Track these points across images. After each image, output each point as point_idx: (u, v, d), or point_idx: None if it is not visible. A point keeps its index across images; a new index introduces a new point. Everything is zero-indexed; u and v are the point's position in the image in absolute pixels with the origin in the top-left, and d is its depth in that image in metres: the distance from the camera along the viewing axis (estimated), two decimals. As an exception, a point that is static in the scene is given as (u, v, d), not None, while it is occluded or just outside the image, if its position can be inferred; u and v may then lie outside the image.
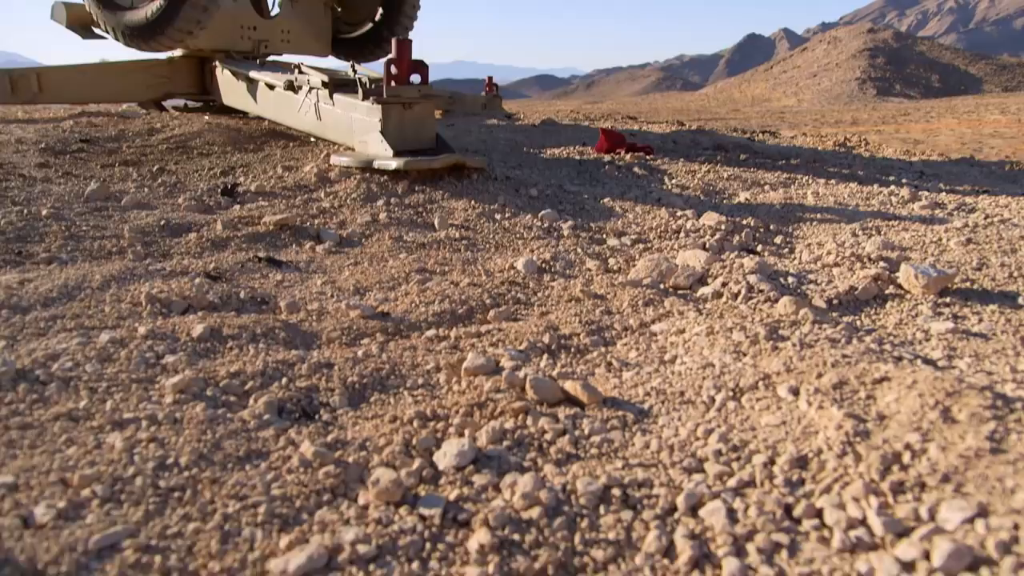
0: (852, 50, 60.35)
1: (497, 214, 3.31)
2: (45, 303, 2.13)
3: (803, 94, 54.05)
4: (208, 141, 4.86)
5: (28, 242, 2.78)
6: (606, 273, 2.62)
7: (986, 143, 18.35)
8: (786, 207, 3.59)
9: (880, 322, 2.10)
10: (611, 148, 4.92)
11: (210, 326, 1.94)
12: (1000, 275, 2.45)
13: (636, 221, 3.31)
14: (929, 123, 25.21)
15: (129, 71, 6.32)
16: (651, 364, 1.82)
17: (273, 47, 6.26)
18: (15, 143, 4.62)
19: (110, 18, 5.36)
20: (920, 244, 2.90)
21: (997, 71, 59.96)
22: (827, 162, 5.27)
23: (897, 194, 3.92)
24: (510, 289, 2.40)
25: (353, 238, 3.00)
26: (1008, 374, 1.66)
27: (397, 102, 3.86)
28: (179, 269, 2.52)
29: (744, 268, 2.47)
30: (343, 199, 3.48)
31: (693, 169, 4.50)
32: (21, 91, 6.14)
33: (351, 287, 2.41)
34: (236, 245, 2.86)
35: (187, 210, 3.32)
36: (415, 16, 7.11)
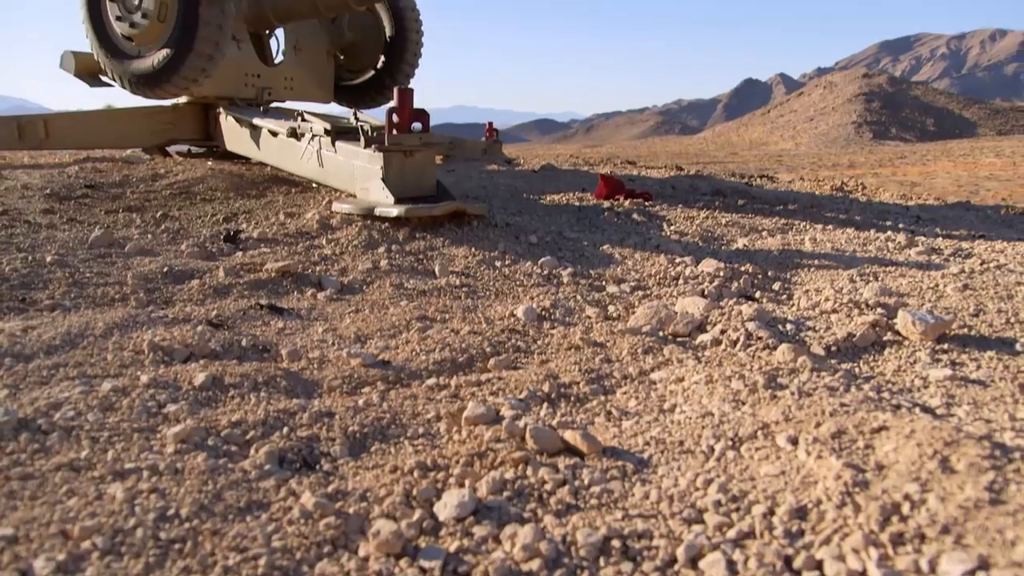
0: (848, 94, 61.10)
1: (497, 261, 3.34)
2: (48, 351, 2.14)
3: (800, 138, 54.59)
4: (211, 187, 4.91)
5: (32, 289, 2.81)
6: (605, 320, 2.64)
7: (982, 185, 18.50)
8: (784, 253, 3.62)
9: (878, 369, 2.11)
10: (610, 194, 4.97)
11: (212, 374, 1.95)
12: (997, 321, 2.47)
13: (635, 268, 3.33)
14: (925, 166, 25.44)
15: (134, 117, 6.41)
16: (650, 413, 1.83)
17: (276, 94, 6.36)
18: (21, 189, 4.67)
19: (117, 66, 5.45)
20: (917, 290, 2.92)
21: (990, 115, 60.64)
22: (824, 207, 5.32)
23: (894, 239, 3.95)
24: (510, 337, 2.41)
25: (354, 285, 3.02)
26: (1007, 422, 1.67)
27: (398, 150, 3.92)
28: (181, 316, 2.53)
29: (743, 315, 2.49)
30: (345, 246, 3.51)
31: (691, 215, 4.54)
32: (28, 137, 6.23)
33: (352, 335, 2.42)
34: (238, 292, 2.88)
35: (190, 257, 3.34)
36: (416, 64, 7.23)
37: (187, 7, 5.03)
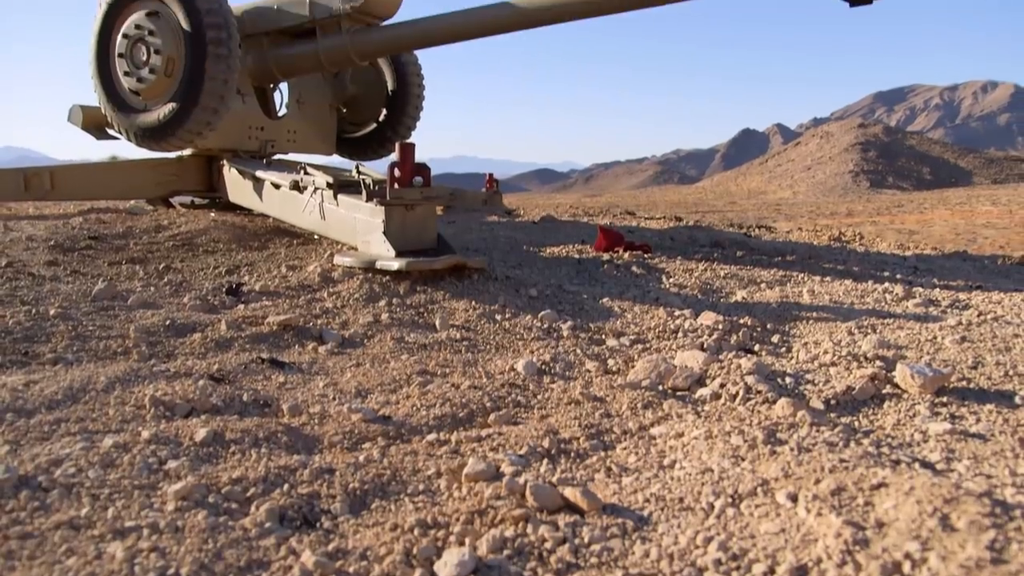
0: (844, 144, 61.71)
1: (497, 314, 3.36)
2: (50, 406, 2.15)
3: (798, 187, 55.01)
4: (214, 239, 4.95)
5: (35, 342, 2.82)
6: (605, 374, 2.65)
7: (980, 233, 18.60)
8: (782, 305, 3.65)
9: (878, 423, 2.12)
10: (609, 247, 5.01)
11: (213, 430, 1.96)
12: (996, 374, 2.48)
13: (635, 321, 3.35)
14: (923, 214, 25.60)
15: (139, 169, 6.49)
16: (650, 469, 1.83)
17: (279, 146, 6.45)
18: (26, 240, 4.71)
19: (124, 120, 5.54)
20: (915, 342, 2.93)
21: (985, 164, 61.18)
22: (822, 258, 5.36)
23: (891, 291, 3.97)
24: (510, 392, 2.42)
25: (355, 339, 3.04)
26: (1007, 477, 1.67)
27: (400, 204, 3.97)
28: (183, 370, 2.54)
29: (742, 369, 2.50)
30: (346, 299, 3.53)
31: (691, 267, 4.57)
32: (34, 188, 6.31)
33: (353, 389, 2.43)
34: (240, 346, 2.90)
35: (192, 309, 3.37)
36: (418, 117, 7.34)
37: (194, 63, 5.13)
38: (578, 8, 4.64)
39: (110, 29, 5.55)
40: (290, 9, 5.84)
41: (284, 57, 6.08)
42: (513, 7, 4.83)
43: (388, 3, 5.66)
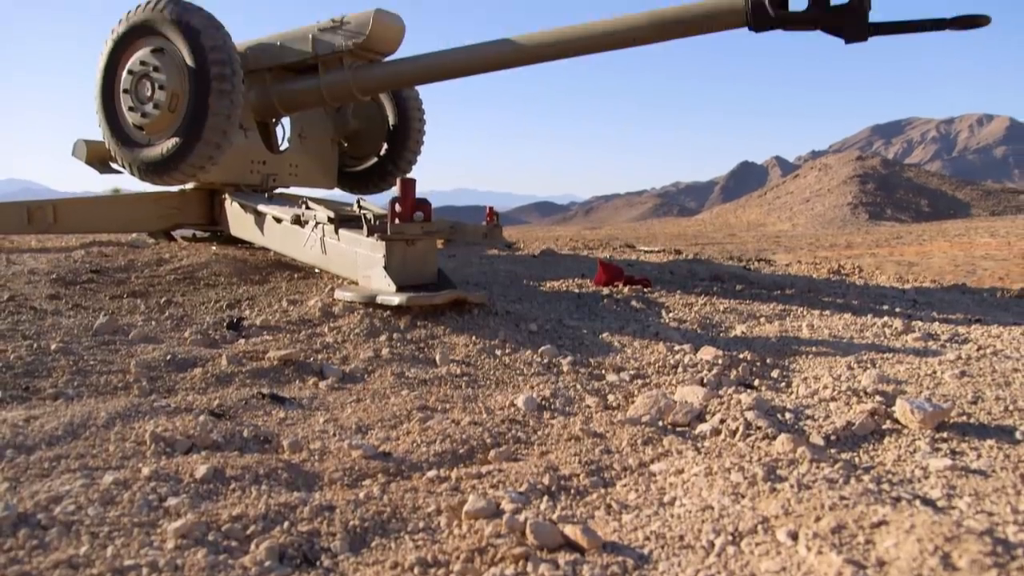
0: (842, 176, 62.04)
1: (497, 349, 3.37)
2: (50, 442, 2.15)
3: (797, 219, 55.22)
4: (215, 272, 4.97)
5: (36, 377, 2.83)
6: (605, 410, 2.65)
7: (979, 265, 18.66)
8: (782, 340, 3.65)
9: (878, 459, 2.12)
10: (609, 281, 5.02)
11: (213, 466, 1.96)
12: (996, 409, 2.48)
13: (634, 356, 3.36)
14: (922, 246, 25.68)
15: (141, 202, 6.54)
16: (650, 506, 1.83)
17: (281, 180, 6.50)
18: (28, 274, 4.73)
19: (127, 154, 5.60)
20: (915, 377, 2.93)
21: (983, 196, 61.48)
22: (821, 291, 5.37)
23: (891, 325, 3.98)
24: (510, 427, 2.42)
25: (356, 374, 3.04)
26: (1009, 515, 1.67)
27: (400, 239, 4.00)
28: (184, 406, 2.55)
29: (742, 404, 2.50)
30: (346, 334, 3.54)
31: (690, 302, 4.58)
32: (37, 221, 6.35)
33: (353, 425, 2.43)
34: (240, 381, 2.90)
35: (193, 344, 3.37)
36: (419, 151, 7.41)
37: (197, 98, 5.20)
38: (577, 45, 4.71)
39: (115, 65, 5.63)
40: (293, 45, 5.93)
41: (287, 92, 6.15)
42: (513, 44, 4.90)
43: (390, 39, 5.74)
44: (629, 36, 4.52)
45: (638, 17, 4.47)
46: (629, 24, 4.49)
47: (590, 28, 4.65)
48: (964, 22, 3.75)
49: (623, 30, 4.52)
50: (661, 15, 4.39)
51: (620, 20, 4.55)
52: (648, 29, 4.44)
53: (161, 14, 5.35)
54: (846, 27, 3.93)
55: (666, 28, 4.40)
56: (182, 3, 5.36)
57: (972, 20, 3.74)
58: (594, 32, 4.62)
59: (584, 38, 4.66)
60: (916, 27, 3.91)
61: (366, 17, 5.54)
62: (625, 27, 4.51)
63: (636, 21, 4.47)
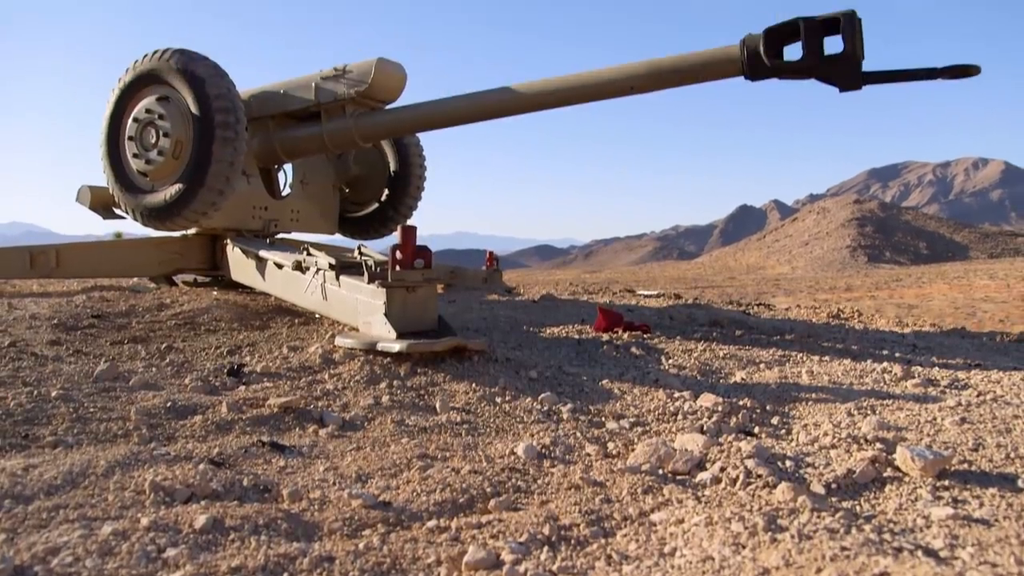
0: (841, 220, 62.46)
1: (498, 397, 3.37)
2: (48, 491, 2.14)
3: (796, 262, 55.44)
4: (216, 317, 4.99)
5: (35, 424, 2.83)
6: (605, 458, 2.64)
7: (979, 307, 18.72)
8: (781, 386, 3.65)
9: (880, 507, 2.11)
10: (609, 327, 5.04)
11: (213, 516, 1.95)
12: (997, 456, 2.48)
13: (634, 403, 3.36)
14: (921, 288, 25.77)
15: (143, 247, 6.60)
16: (651, 557, 1.82)
17: (283, 225, 6.56)
18: (29, 319, 4.75)
19: (131, 200, 5.66)
20: (915, 424, 2.93)
21: (981, 239, 61.82)
22: (821, 336, 5.38)
23: (890, 371, 3.99)
24: (511, 476, 2.41)
25: (356, 421, 3.04)
26: (1013, 566, 1.66)
27: (401, 286, 4.02)
28: (183, 454, 2.54)
29: (742, 452, 2.50)
30: (347, 381, 3.54)
31: (690, 348, 4.59)
32: (39, 266, 6.40)
33: (353, 474, 2.43)
34: (240, 428, 2.90)
35: (193, 391, 3.38)
36: (419, 197, 7.49)
37: (201, 145, 5.27)
38: (577, 94, 4.79)
39: (121, 113, 5.73)
40: (296, 93, 6.02)
41: (289, 139, 6.24)
42: (513, 92, 4.98)
43: (392, 88, 5.84)
44: (627, 85, 4.59)
45: (636, 66, 4.54)
46: (628, 73, 4.57)
47: (589, 77, 4.72)
48: (955, 72, 3.82)
49: (622, 79, 4.60)
50: (659, 64, 4.47)
51: (619, 69, 4.63)
52: (646, 78, 4.51)
53: (167, 64, 5.45)
54: (840, 76, 4.00)
55: (664, 77, 4.48)
56: (187, 53, 5.47)
57: (963, 70, 3.81)
58: (593, 81, 4.70)
59: (583, 86, 4.73)
60: (908, 76, 3.98)
61: (368, 66, 5.64)
62: (624, 76, 4.58)
63: (635, 70, 4.54)
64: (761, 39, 4.05)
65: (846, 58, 3.89)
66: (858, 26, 3.87)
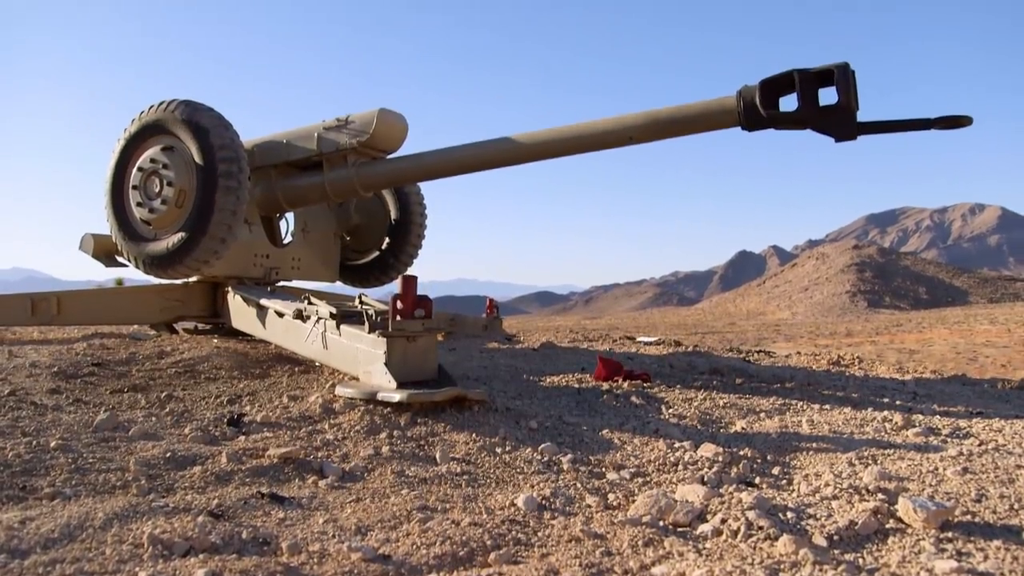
0: (840, 265, 62.63)
1: (498, 447, 3.36)
2: (46, 545, 2.13)
3: (796, 307, 55.46)
4: (216, 365, 4.99)
5: (33, 475, 2.81)
6: (606, 510, 2.63)
7: (980, 352, 18.66)
8: (782, 436, 3.65)
9: (883, 560, 2.09)
10: (609, 376, 5.04)
11: (211, 570, 1.94)
12: (1000, 507, 2.46)
13: (634, 453, 3.34)
14: (922, 333, 25.73)
15: (144, 295, 6.63)
16: (653, 613, 1.80)
17: (284, 273, 6.59)
18: (29, 367, 4.75)
19: (133, 248, 5.70)
20: (917, 474, 2.92)
21: (980, 284, 61.93)
22: (821, 384, 5.38)
23: (891, 420, 3.98)
24: (511, 528, 2.40)
25: (356, 472, 3.03)
26: (1016, 621, 1.65)
27: (401, 335, 4.03)
28: (182, 506, 2.53)
29: (743, 503, 2.49)
30: (347, 431, 3.54)
31: (690, 396, 4.59)
32: (40, 313, 6.43)
33: (353, 526, 2.41)
34: (240, 479, 2.89)
35: (193, 441, 3.37)
36: (420, 245, 7.54)
37: (204, 194, 5.32)
38: (576, 144, 4.85)
39: (126, 162, 5.80)
40: (299, 143, 6.11)
41: (291, 188, 6.30)
42: (513, 143, 5.05)
43: (393, 138, 5.92)
44: (626, 135, 4.66)
45: (635, 117, 4.61)
46: (626, 124, 4.64)
47: (589, 127, 4.79)
48: (948, 122, 3.88)
49: (620, 129, 4.67)
50: (657, 115, 4.54)
51: (618, 120, 4.70)
52: (644, 128, 4.58)
53: (172, 114, 5.53)
54: (835, 127, 4.06)
55: (662, 128, 4.54)
56: (192, 104, 5.56)
57: (955, 121, 3.88)
58: (593, 131, 4.77)
59: (583, 137, 4.80)
60: (902, 127, 4.05)
61: (370, 116, 5.73)
62: (622, 127, 4.65)
63: (633, 121, 4.61)
64: (757, 90, 4.12)
65: (841, 109, 3.95)
66: (852, 78, 3.94)
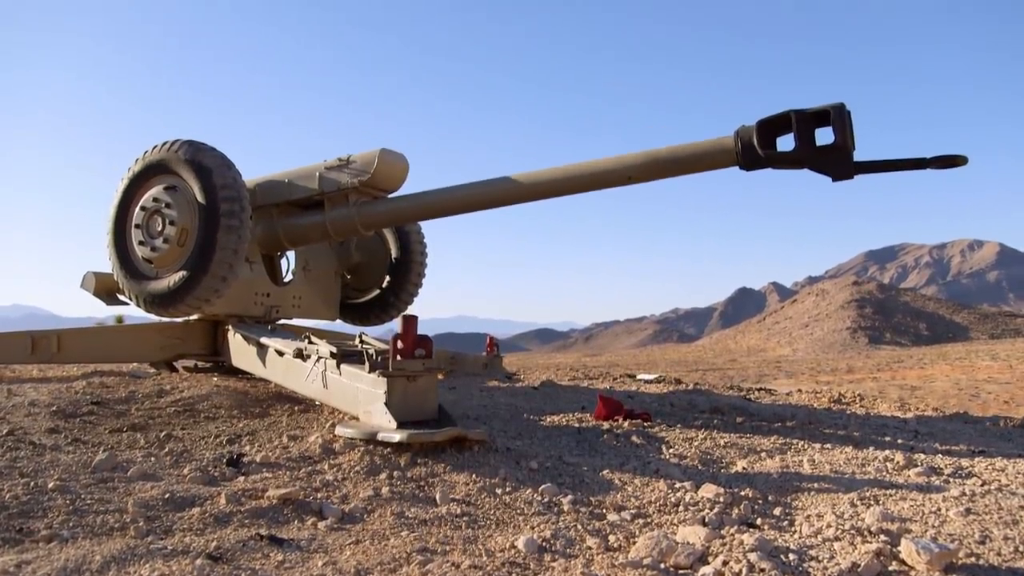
0: (840, 301, 62.67)
1: (498, 488, 3.34)
2: (43, 589, 2.11)
3: (797, 344, 55.39)
4: (215, 404, 4.98)
5: (31, 517, 2.80)
6: (607, 552, 2.61)
7: (982, 388, 18.60)
8: (783, 476, 3.63)
9: (886, 604, 2.08)
10: (609, 415, 5.02)
11: (209, 615, 1.92)
12: (1005, 549, 2.45)
13: (635, 494, 3.32)
14: (923, 369, 25.66)
15: (144, 332, 6.64)
16: (655, 658, 1.79)
17: (284, 312, 6.60)
18: (28, 406, 4.74)
19: (135, 287, 5.72)
20: (919, 515, 2.90)
21: (981, 319, 61.91)
22: (822, 423, 5.36)
23: (892, 459, 3.96)
24: (511, 571, 2.38)
25: (355, 513, 3.00)
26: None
27: (402, 375, 4.03)
28: (181, 548, 2.51)
29: (744, 545, 2.47)
30: (347, 471, 3.52)
31: (690, 436, 4.57)
32: (40, 351, 6.43)
33: (352, 569, 2.39)
34: (239, 521, 2.87)
35: (192, 481, 3.35)
36: (420, 283, 7.57)
37: (206, 233, 5.36)
38: (575, 184, 4.90)
39: (129, 201, 5.85)
40: (300, 182, 6.16)
41: (293, 227, 6.34)
42: (513, 182, 5.10)
43: (394, 178, 5.98)
44: (625, 175, 4.70)
45: (634, 157, 4.66)
46: (626, 163, 4.68)
47: (588, 167, 4.84)
48: (943, 162, 3.93)
49: (619, 169, 4.71)
50: (656, 155, 4.58)
51: (617, 160, 4.74)
52: (643, 168, 4.62)
53: (176, 155, 5.59)
54: (832, 166, 4.10)
55: (661, 167, 4.59)
56: (196, 144, 5.62)
57: (951, 160, 3.92)
58: (592, 171, 4.81)
59: (582, 176, 4.84)
60: (899, 166, 4.09)
61: (372, 156, 5.79)
62: (622, 166, 4.70)
63: (632, 160, 4.66)
64: (754, 131, 4.17)
65: (837, 149, 3.99)
66: (848, 118, 3.99)
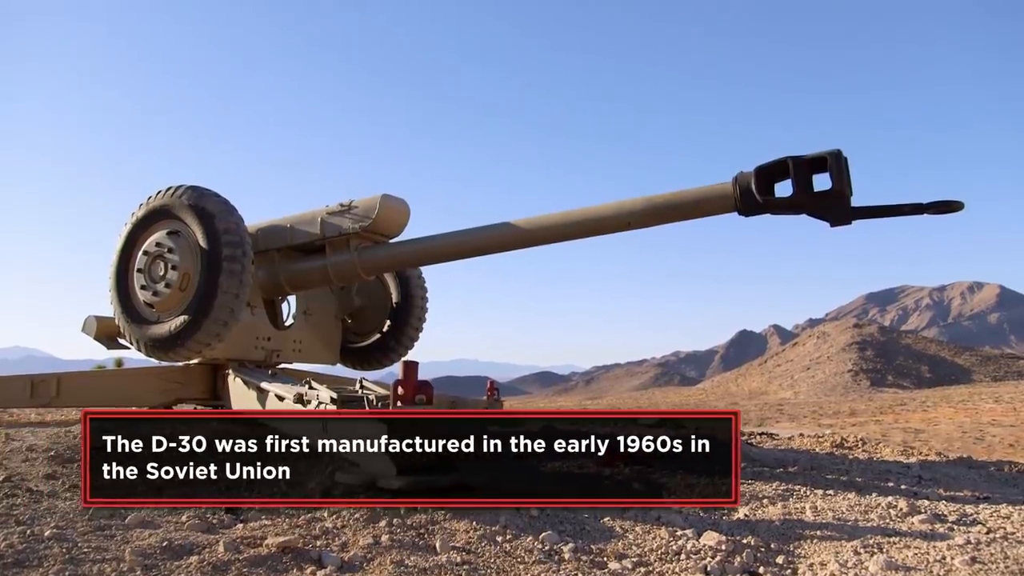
0: (841, 344, 62.47)
1: (498, 536, 3.31)
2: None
3: (799, 387, 55.10)
4: (214, 450, 4.94)
5: (26, 567, 2.78)
6: (608, 602, 2.58)
7: (987, 431, 18.42)
8: (785, 523, 3.59)
9: (891, 656, 2.05)
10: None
11: (205, 669, 1.90)
12: (1010, 600, 2.43)
13: (636, 542, 3.29)
14: (927, 412, 25.46)
15: (144, 376, 6.61)
16: None
17: (285, 356, 6.59)
18: (26, 451, 4.72)
19: (136, 331, 5.71)
20: (924, 563, 2.88)
21: (983, 362, 61.64)
22: (824, 468, 5.33)
23: (896, 506, 3.93)
24: (512, 622, 2.36)
25: (355, 562, 2.97)
26: None
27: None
28: (177, 599, 2.49)
29: (747, 595, 2.45)
30: (346, 519, 3.49)
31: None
32: (39, 395, 6.40)
33: (351, 620, 2.37)
34: (237, 570, 2.84)
35: (190, 529, 3.32)
36: (421, 328, 7.55)
37: (208, 278, 5.37)
38: (575, 229, 4.93)
39: (132, 246, 5.87)
40: (302, 227, 6.19)
41: (294, 272, 6.36)
42: (513, 228, 5.13)
43: (396, 223, 6.01)
44: (624, 220, 4.74)
45: (634, 202, 4.70)
46: (625, 209, 4.72)
47: (588, 213, 4.88)
48: (940, 207, 3.97)
49: (619, 215, 4.75)
50: (655, 200, 4.63)
51: (617, 205, 4.79)
52: (643, 214, 4.66)
53: (179, 200, 5.63)
54: (830, 212, 4.15)
55: (660, 213, 4.63)
56: (199, 189, 5.66)
57: (947, 205, 3.96)
58: (592, 216, 4.85)
59: (582, 222, 4.88)
60: (896, 211, 4.13)
61: (373, 202, 5.82)
62: (622, 212, 4.74)
63: (632, 206, 4.70)
64: (752, 177, 4.22)
65: (835, 194, 4.04)
66: (844, 164, 4.03)
